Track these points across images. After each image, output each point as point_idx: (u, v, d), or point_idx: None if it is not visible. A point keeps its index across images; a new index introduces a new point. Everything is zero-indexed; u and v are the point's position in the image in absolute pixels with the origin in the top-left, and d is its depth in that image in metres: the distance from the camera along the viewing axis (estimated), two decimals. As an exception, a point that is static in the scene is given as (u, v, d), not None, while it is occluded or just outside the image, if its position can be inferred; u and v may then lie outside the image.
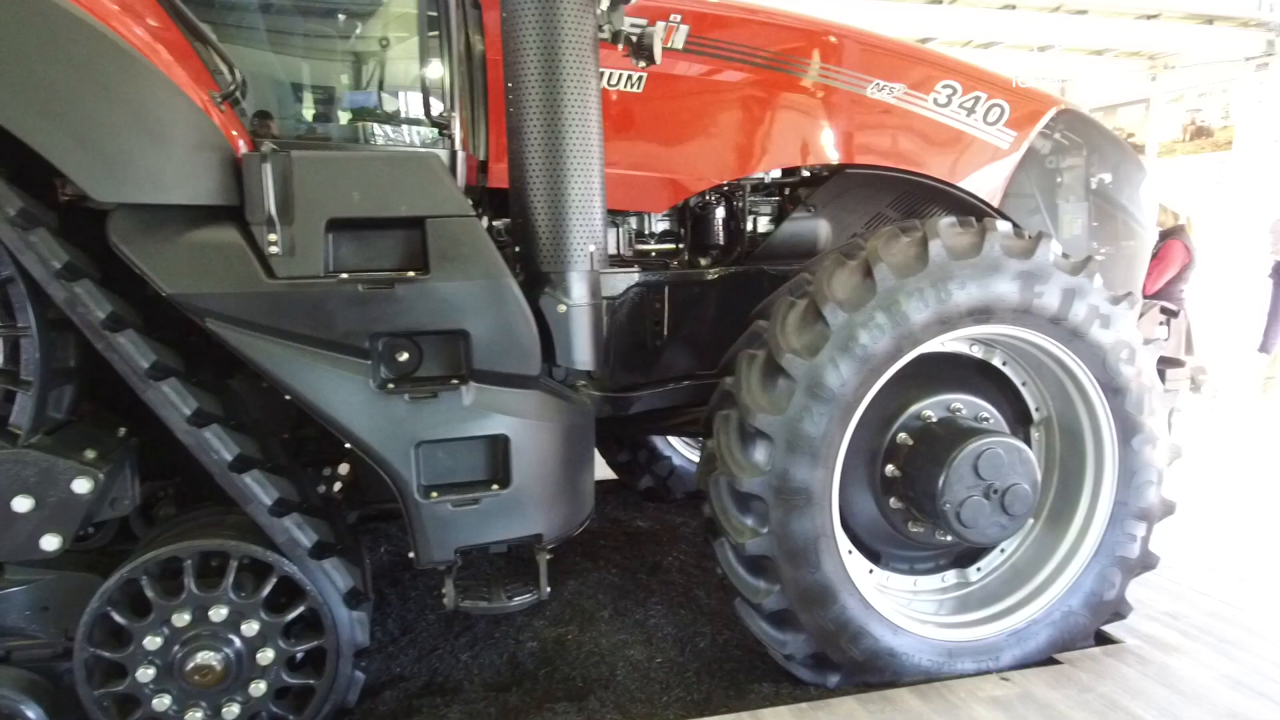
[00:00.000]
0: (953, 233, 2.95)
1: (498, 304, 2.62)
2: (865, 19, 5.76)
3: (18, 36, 2.19)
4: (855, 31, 3.81)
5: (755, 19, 3.75)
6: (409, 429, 2.60)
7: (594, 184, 2.85)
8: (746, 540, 2.84)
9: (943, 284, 2.85)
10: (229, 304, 2.42)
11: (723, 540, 2.95)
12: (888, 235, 2.96)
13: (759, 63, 3.64)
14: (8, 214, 2.25)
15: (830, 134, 3.70)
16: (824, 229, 3.85)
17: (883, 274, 2.81)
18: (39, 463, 2.30)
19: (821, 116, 3.69)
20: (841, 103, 3.69)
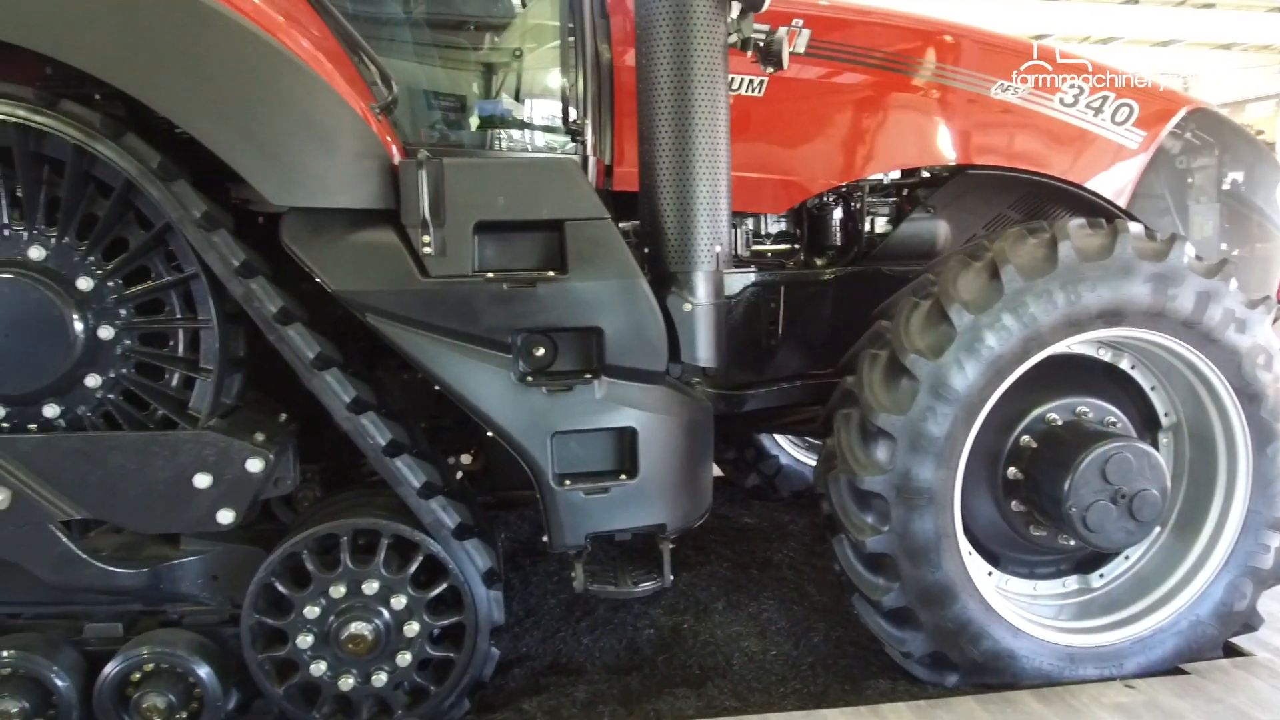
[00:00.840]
0: (1083, 234, 2.92)
1: (630, 303, 2.74)
2: (979, 15, 5.71)
3: (207, 55, 2.41)
4: (975, 31, 3.80)
5: (874, 21, 3.78)
6: (546, 419, 2.74)
7: (721, 186, 2.95)
8: (866, 537, 2.88)
9: (1072, 286, 2.84)
10: (387, 300, 2.61)
11: (842, 537, 3.00)
12: (1015, 236, 2.96)
13: (878, 64, 3.67)
14: (193, 216, 2.48)
15: (950, 134, 3.69)
16: (943, 230, 3.84)
17: (1010, 275, 2.82)
18: (217, 443, 2.53)
19: (941, 117, 3.69)
20: (961, 103, 3.68)
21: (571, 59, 3.21)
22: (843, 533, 2.98)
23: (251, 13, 2.53)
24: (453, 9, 3.57)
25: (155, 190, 2.45)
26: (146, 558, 2.68)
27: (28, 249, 2.50)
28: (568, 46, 3.24)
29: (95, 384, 2.57)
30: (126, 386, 2.60)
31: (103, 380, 2.57)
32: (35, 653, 2.60)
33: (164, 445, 2.50)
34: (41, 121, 2.40)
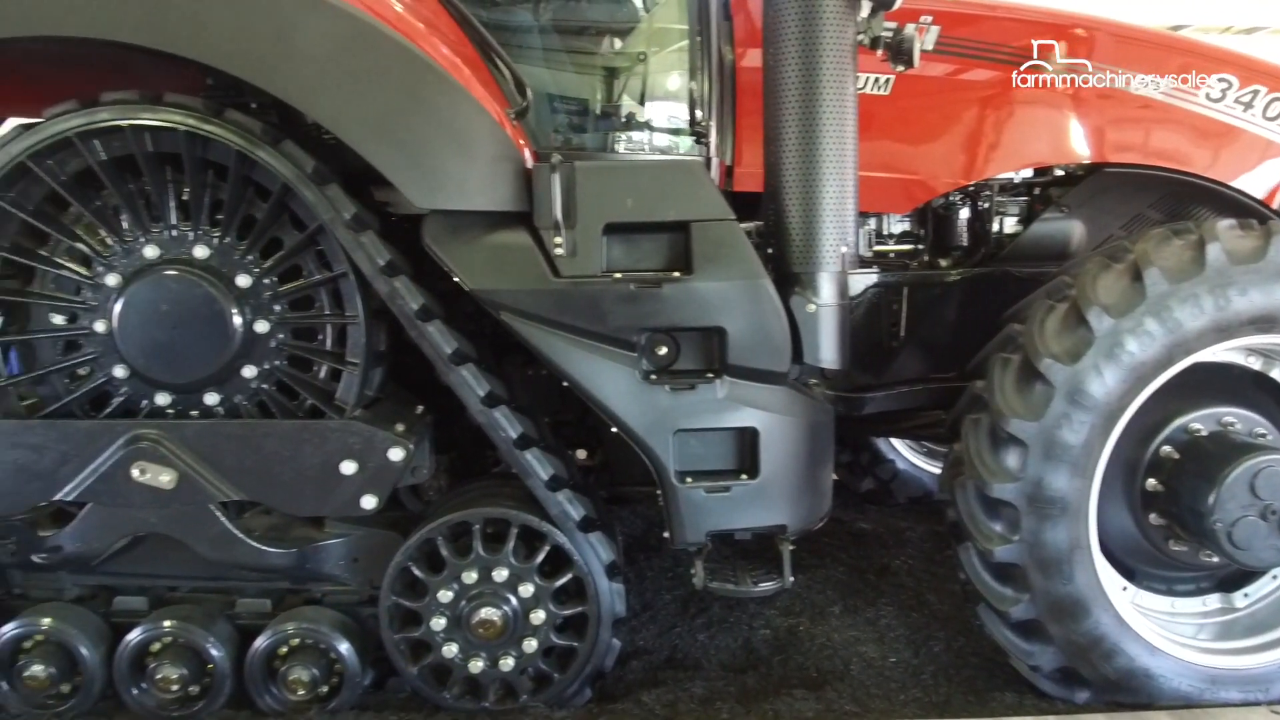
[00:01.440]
0: (1233, 235, 2.78)
1: (755, 303, 2.76)
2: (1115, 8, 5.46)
3: (360, 66, 2.55)
4: (1110, 24, 3.65)
5: (1005, 15, 3.68)
6: (668, 417, 2.79)
7: (849, 186, 2.93)
8: (995, 547, 2.81)
9: (1221, 290, 2.70)
10: (520, 299, 2.71)
11: (968, 545, 2.93)
12: (1159, 237, 2.83)
13: (1008, 59, 3.57)
14: (344, 218, 2.63)
15: (1084, 131, 3.55)
16: (1077, 230, 3.70)
17: (1154, 278, 2.70)
18: (362, 432, 2.68)
19: (1075, 113, 3.55)
20: (1096, 98, 3.54)
21: (696, 61, 3.24)
22: (969, 541, 2.91)
23: (396, 22, 2.66)
24: (579, 14, 3.67)
25: (310, 193, 2.61)
26: (294, 539, 2.86)
27: (193, 248, 2.70)
28: (692, 49, 3.27)
29: (251, 374, 2.76)
30: (279, 377, 2.78)
31: (258, 371, 2.76)
32: (193, 624, 2.81)
33: (314, 433, 2.66)
34: (209, 129, 2.59)
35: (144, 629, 2.79)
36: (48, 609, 2.84)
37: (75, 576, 2.92)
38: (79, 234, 2.72)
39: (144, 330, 2.68)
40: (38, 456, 2.62)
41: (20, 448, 2.62)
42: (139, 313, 2.67)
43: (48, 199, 2.68)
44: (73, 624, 2.80)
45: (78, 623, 2.82)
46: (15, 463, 2.62)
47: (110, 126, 2.57)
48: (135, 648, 2.79)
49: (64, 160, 2.62)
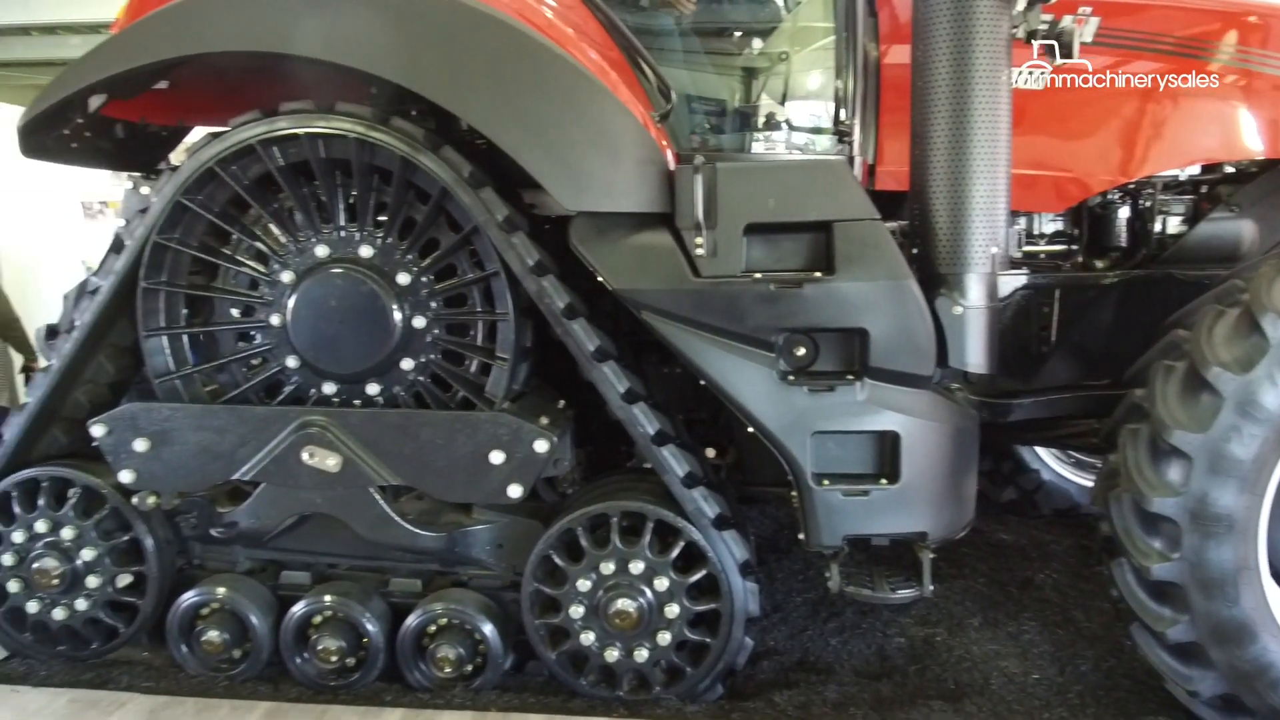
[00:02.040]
0: None
1: (899, 304, 2.71)
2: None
3: (514, 74, 2.66)
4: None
5: (1171, 4, 3.47)
6: (806, 419, 2.78)
7: (1000, 184, 2.84)
8: (1152, 564, 2.67)
9: None
10: (661, 298, 2.76)
11: (1123, 561, 2.80)
12: (1348, 238, 2.62)
13: (1173, 51, 3.37)
14: (497, 219, 2.75)
15: (1258, 125, 3.31)
16: (1249, 230, 3.46)
17: (1338, 284, 2.50)
18: (510, 424, 2.79)
19: (1247, 106, 3.32)
20: (1271, 90, 3.30)
21: (839, 58, 3.21)
22: (1124, 557, 2.78)
23: (548, 29, 2.76)
24: (721, 16, 3.69)
25: (466, 196, 2.74)
26: (445, 523, 3.01)
27: (359, 248, 2.88)
28: (836, 46, 3.23)
29: (409, 367, 2.92)
30: (434, 370, 2.93)
31: (415, 364, 2.92)
32: (352, 599, 3.00)
33: (466, 424, 2.80)
34: (376, 136, 2.75)
35: (307, 602, 3.00)
36: (223, 579, 3.10)
37: (247, 550, 3.17)
38: (258, 234, 2.95)
39: (314, 324, 2.88)
40: (219, 439, 2.86)
41: (204, 430, 2.86)
42: (310, 307, 2.87)
43: (231, 201, 2.92)
44: (244, 594, 3.05)
45: (249, 593, 3.06)
46: (199, 444, 2.87)
47: (288, 134, 2.77)
48: (299, 619, 3.00)
49: (246, 166, 2.85)
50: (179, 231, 2.88)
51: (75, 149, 3.13)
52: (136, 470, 2.90)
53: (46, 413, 3.07)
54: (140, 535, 3.06)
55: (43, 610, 3.10)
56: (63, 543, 3.05)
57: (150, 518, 3.05)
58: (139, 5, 2.90)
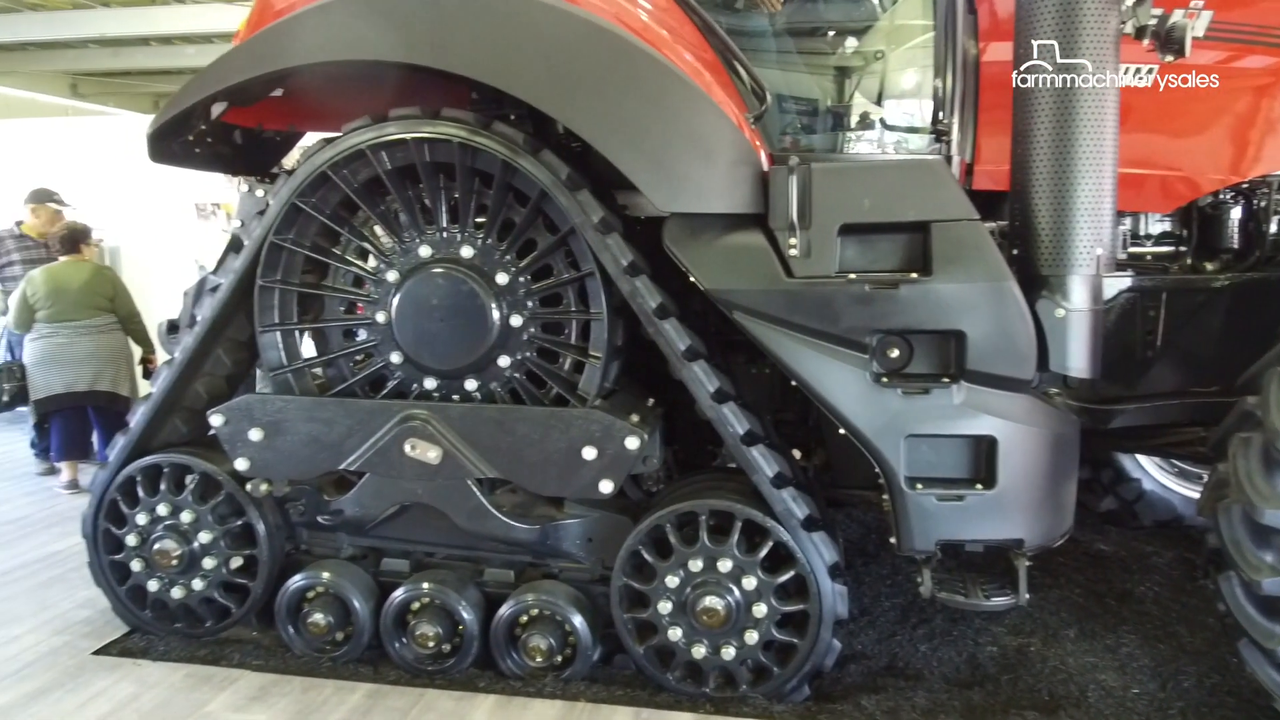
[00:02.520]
0: None
1: (998, 306, 2.67)
2: None
3: (609, 76, 2.71)
4: None
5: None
6: (900, 421, 2.75)
7: (1106, 185, 2.76)
8: (1264, 578, 2.56)
9: None
10: (754, 299, 2.77)
11: (1231, 574, 2.69)
12: None
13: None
14: (593, 221, 2.80)
15: (1393, 119, 3.15)
16: (1377, 230, 3.29)
17: None
18: (602, 421, 2.84)
19: (1377, 101, 3.16)
20: (1403, 84, 3.13)
21: (938, 57, 3.17)
22: (1233, 570, 2.67)
23: (643, 32, 2.80)
24: (817, 15, 3.68)
25: (564, 198, 2.80)
26: (537, 516, 3.09)
27: (460, 248, 2.98)
28: (935, 44, 3.19)
29: (506, 364, 3.00)
30: (529, 367, 3.01)
31: (511, 361, 3.00)
32: (448, 588, 3.10)
33: (560, 420, 2.86)
34: (479, 141, 2.84)
35: (406, 589, 3.12)
36: (328, 565, 3.24)
37: (351, 537, 3.30)
38: (366, 235, 3.08)
39: (416, 321, 2.99)
40: (327, 430, 3.00)
41: (314, 422, 3.00)
42: (413, 305, 2.98)
43: (342, 204, 3.05)
44: (348, 579, 3.18)
45: (352, 579, 3.20)
46: (309, 434, 3.01)
47: (397, 139, 2.89)
48: (399, 605, 3.12)
49: (357, 170, 2.97)
50: (293, 232, 3.03)
51: (198, 154, 3.32)
52: (251, 459, 3.06)
53: (169, 403, 3.26)
54: (253, 520, 3.23)
55: (162, 589, 3.30)
56: (181, 525, 3.24)
57: (262, 504, 3.22)
58: (258, 19, 3.06)
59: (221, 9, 9.33)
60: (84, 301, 5.36)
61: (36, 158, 7.39)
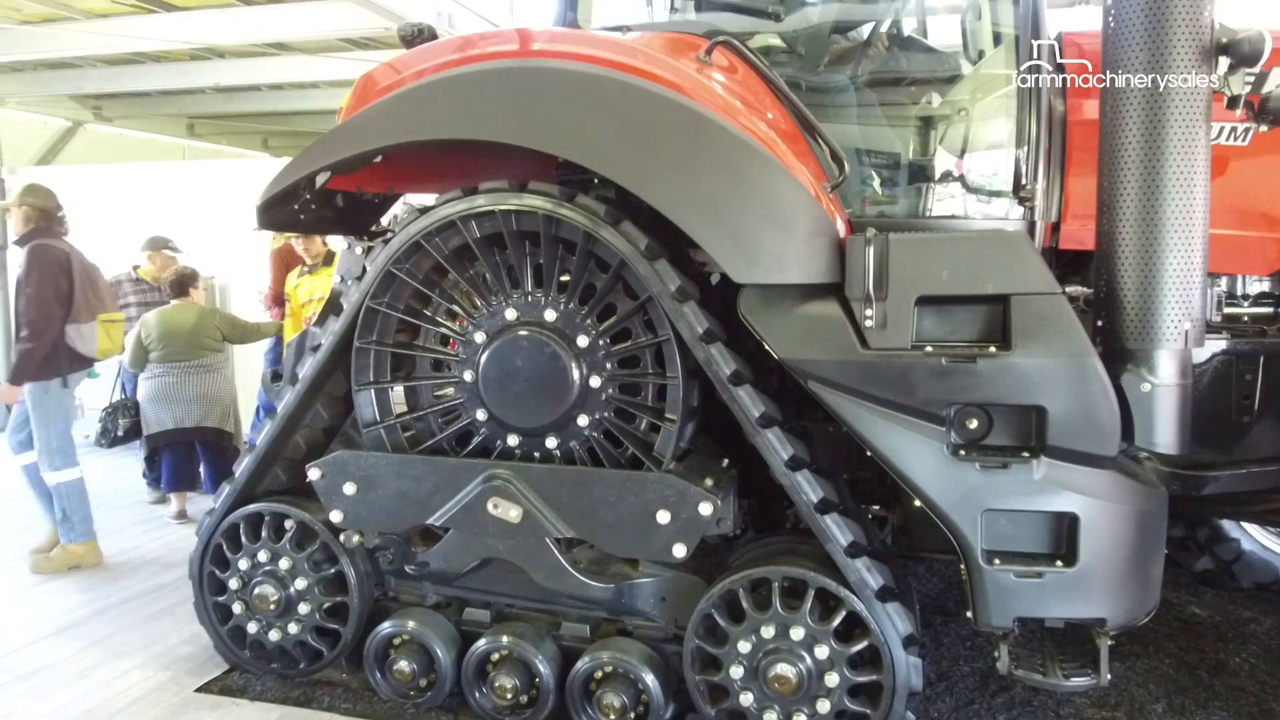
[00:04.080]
0: None
1: (1080, 382, 2.63)
2: None
3: (686, 152, 2.78)
4: None
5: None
6: (977, 495, 2.73)
7: (1195, 258, 2.69)
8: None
9: None
10: (828, 369, 2.79)
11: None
12: None
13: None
14: (670, 290, 2.88)
15: None
16: None
17: None
18: (677, 486, 2.90)
19: None
20: None
21: (1024, 118, 3.15)
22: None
23: (721, 107, 2.86)
24: (900, 69, 3.68)
25: (642, 268, 2.89)
26: (612, 574, 3.16)
27: (544, 312, 3.09)
28: (1018, 103, 3.17)
29: (585, 423, 3.09)
30: (607, 427, 3.09)
31: (590, 421, 3.09)
32: (527, 640, 3.20)
33: (636, 483, 2.93)
34: (563, 213, 2.95)
35: (487, 640, 3.23)
36: (413, 613, 3.37)
37: (436, 586, 3.43)
38: (455, 298, 3.22)
39: (502, 380, 3.11)
40: (416, 486, 3.14)
41: (404, 478, 3.15)
42: (499, 365, 3.10)
43: (433, 269, 3.20)
44: (431, 629, 3.31)
45: (435, 628, 3.32)
46: (399, 490, 3.15)
47: (486, 211, 3.02)
48: (479, 656, 3.23)
49: (448, 238, 3.12)
50: (388, 296, 3.19)
51: (303, 220, 3.53)
52: (344, 511, 3.22)
53: (271, 454, 3.46)
54: (345, 568, 3.40)
55: (260, 631, 3.49)
56: (279, 571, 3.43)
57: (354, 553, 3.38)
58: (360, 98, 3.24)
59: (324, 60, 9.86)
60: (193, 342, 5.71)
61: (154, 200, 7.90)
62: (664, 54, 2.98)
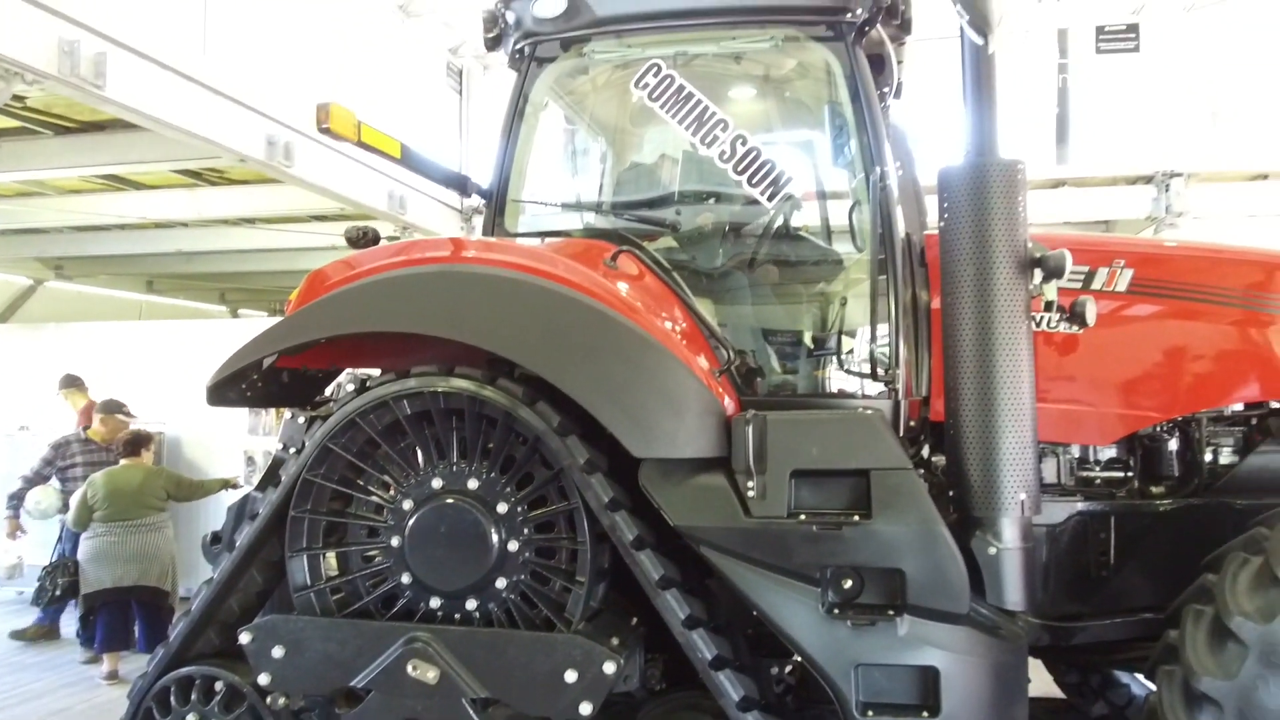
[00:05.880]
0: None
1: (930, 547, 3.00)
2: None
3: (594, 345, 3.21)
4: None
5: (1201, 255, 3.80)
6: (850, 651, 3.03)
7: (1027, 438, 3.13)
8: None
9: None
10: (716, 535, 3.14)
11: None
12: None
13: (1208, 299, 3.66)
14: (579, 463, 3.23)
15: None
16: (1300, 464, 3.60)
17: (1353, 540, 2.65)
18: (583, 645, 3.15)
19: (1278, 348, 3.56)
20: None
21: (888, 306, 3.56)
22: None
23: (625, 308, 3.31)
24: (787, 262, 4.19)
25: (555, 443, 3.25)
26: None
27: (467, 481, 3.41)
28: (887, 295, 3.57)
29: (503, 585, 3.35)
30: (523, 589, 3.36)
31: (507, 583, 3.35)
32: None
33: (546, 644, 3.18)
34: (486, 394, 3.33)
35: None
36: (335, 772, 3.49)
37: (358, 745, 3.57)
38: (386, 469, 3.54)
39: (426, 545, 3.38)
40: (341, 648, 3.34)
41: (331, 640, 3.36)
42: (424, 530, 3.38)
43: (367, 443, 3.53)
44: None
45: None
46: (325, 653, 3.35)
47: (416, 391, 3.39)
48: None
49: (381, 415, 3.46)
50: (324, 469, 3.50)
51: (249, 396, 3.86)
52: (272, 674, 3.40)
53: (205, 618, 3.65)
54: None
55: (188, 792, 3.57)
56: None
57: (280, 716, 3.53)
58: (307, 292, 3.65)
59: (285, 231, 10.47)
60: (138, 502, 5.90)
61: (110, 359, 8.18)
62: (575, 261, 3.46)
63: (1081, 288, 3.71)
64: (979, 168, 3.15)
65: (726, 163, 3.63)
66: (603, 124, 4.80)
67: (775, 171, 3.62)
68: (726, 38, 3.99)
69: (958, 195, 3.17)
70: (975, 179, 3.14)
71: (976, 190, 3.13)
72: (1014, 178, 3.14)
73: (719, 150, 3.63)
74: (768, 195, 3.64)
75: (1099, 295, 3.56)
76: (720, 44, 4.02)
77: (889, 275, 3.57)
